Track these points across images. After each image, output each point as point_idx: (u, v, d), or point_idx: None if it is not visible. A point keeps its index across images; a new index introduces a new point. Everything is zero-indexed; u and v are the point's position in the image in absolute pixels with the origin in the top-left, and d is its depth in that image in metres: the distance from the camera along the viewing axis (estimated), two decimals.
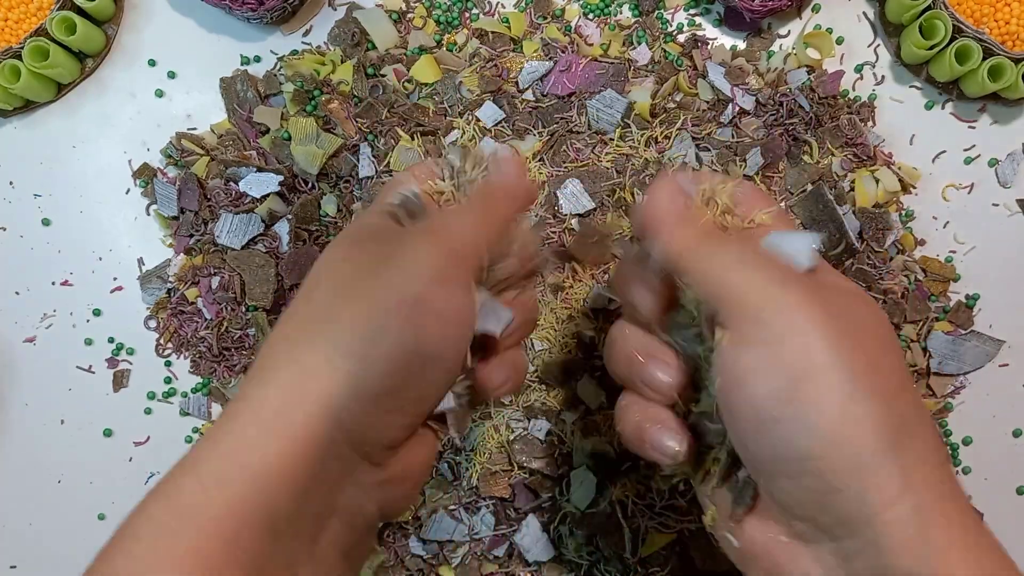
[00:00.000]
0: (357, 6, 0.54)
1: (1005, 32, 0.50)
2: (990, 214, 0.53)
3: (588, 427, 0.50)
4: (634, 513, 0.50)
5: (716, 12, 0.54)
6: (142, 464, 0.54)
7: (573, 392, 0.50)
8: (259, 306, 0.51)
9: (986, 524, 0.28)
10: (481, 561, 0.51)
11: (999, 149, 0.53)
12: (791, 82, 0.52)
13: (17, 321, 0.54)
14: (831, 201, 0.50)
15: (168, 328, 0.54)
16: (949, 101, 0.53)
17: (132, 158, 0.55)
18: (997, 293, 0.52)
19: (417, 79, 0.52)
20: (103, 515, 0.53)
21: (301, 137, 0.51)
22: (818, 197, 0.50)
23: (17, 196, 0.55)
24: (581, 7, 0.54)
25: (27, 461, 0.54)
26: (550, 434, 0.50)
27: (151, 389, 0.54)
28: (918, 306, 0.51)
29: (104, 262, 0.55)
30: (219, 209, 0.52)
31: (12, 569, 0.54)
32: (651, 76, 0.52)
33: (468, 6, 0.54)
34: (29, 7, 0.52)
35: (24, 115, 0.55)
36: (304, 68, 0.53)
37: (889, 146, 0.53)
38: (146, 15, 0.55)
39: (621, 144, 0.51)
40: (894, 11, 0.52)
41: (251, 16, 0.52)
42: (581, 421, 0.50)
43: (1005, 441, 0.52)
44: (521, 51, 0.53)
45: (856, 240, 0.50)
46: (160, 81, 0.55)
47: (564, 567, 0.50)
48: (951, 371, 0.51)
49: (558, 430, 0.50)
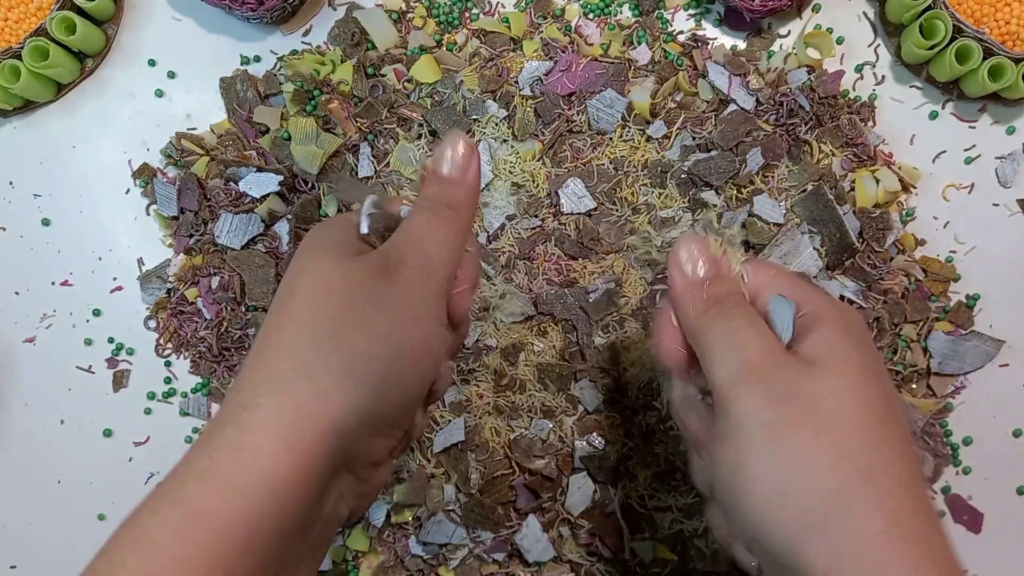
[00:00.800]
0: (357, 6, 0.54)
1: (1005, 32, 0.50)
2: (990, 214, 0.53)
3: (587, 427, 0.50)
4: (634, 514, 0.50)
5: (716, 12, 0.54)
6: (142, 464, 0.54)
7: (572, 394, 0.50)
8: (259, 306, 0.51)
9: (952, 559, 0.28)
10: (481, 561, 0.50)
11: (999, 149, 0.53)
12: (791, 82, 0.52)
13: (17, 321, 0.54)
14: (831, 201, 0.50)
15: (168, 328, 0.54)
16: (949, 101, 0.53)
17: (132, 158, 0.55)
18: (997, 293, 0.52)
19: (417, 79, 0.52)
20: (103, 515, 0.53)
21: (301, 137, 0.51)
22: (818, 197, 0.50)
23: (17, 196, 0.55)
24: (581, 7, 0.54)
25: (27, 461, 0.54)
26: (550, 434, 0.50)
27: (151, 389, 0.54)
28: (918, 306, 0.51)
29: (104, 262, 0.55)
30: (219, 209, 0.52)
31: (12, 569, 0.54)
32: (651, 76, 0.52)
33: (468, 6, 0.54)
34: (29, 7, 0.52)
35: (24, 115, 0.55)
36: (304, 68, 0.53)
37: (889, 146, 0.53)
38: (146, 15, 0.55)
39: (622, 145, 0.51)
40: (894, 11, 0.52)
41: (251, 16, 0.52)
42: (580, 423, 0.50)
43: (1005, 441, 0.52)
44: (521, 51, 0.53)
45: (856, 240, 0.50)
46: (160, 81, 0.55)
47: (564, 567, 0.50)
48: (951, 371, 0.51)
49: (558, 430, 0.50)
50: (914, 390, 0.51)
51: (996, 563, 0.51)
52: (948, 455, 0.51)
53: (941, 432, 0.51)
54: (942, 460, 0.51)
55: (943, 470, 0.51)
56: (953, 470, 0.51)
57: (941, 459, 0.51)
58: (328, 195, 0.48)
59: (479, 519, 0.50)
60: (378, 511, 0.51)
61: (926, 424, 0.51)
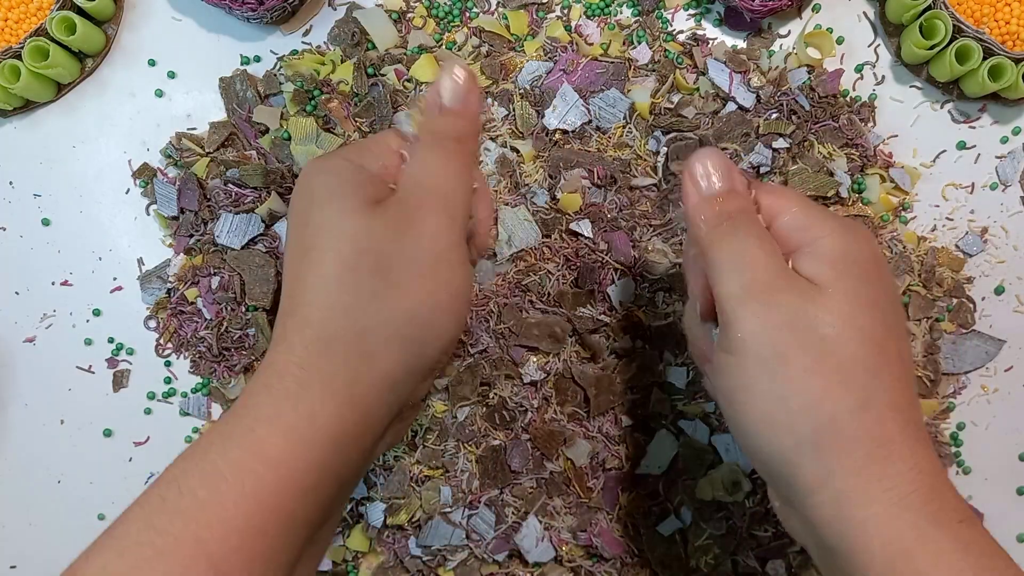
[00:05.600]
0: (357, 6, 0.54)
1: (1005, 32, 0.50)
2: (990, 214, 0.53)
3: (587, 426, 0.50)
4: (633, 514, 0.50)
5: (716, 12, 0.54)
6: (142, 464, 0.54)
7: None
8: (259, 306, 0.51)
9: (920, 495, 0.30)
10: (481, 562, 0.50)
11: (999, 149, 0.53)
12: (791, 82, 0.52)
13: (17, 321, 0.54)
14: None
15: (168, 328, 0.54)
16: (949, 101, 0.53)
17: (132, 158, 0.55)
18: (998, 293, 0.52)
19: (417, 79, 0.52)
20: (103, 515, 0.53)
21: (301, 137, 0.51)
22: (818, 197, 0.50)
23: (17, 196, 0.55)
24: (583, 6, 0.53)
25: (27, 461, 0.54)
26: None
27: (151, 389, 0.54)
28: (921, 304, 0.51)
29: (104, 262, 0.55)
30: (219, 209, 0.52)
31: (12, 569, 0.54)
32: (651, 76, 0.52)
33: (468, 6, 0.54)
34: (29, 7, 0.52)
35: (24, 115, 0.55)
36: (304, 68, 0.53)
37: (889, 146, 0.53)
38: (146, 15, 0.55)
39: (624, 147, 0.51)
40: (894, 11, 0.52)
41: (251, 16, 0.52)
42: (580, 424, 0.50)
43: (1005, 441, 0.52)
44: (522, 51, 0.53)
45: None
46: (160, 81, 0.55)
47: (564, 568, 0.50)
48: (951, 371, 0.51)
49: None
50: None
51: None
52: (951, 455, 0.51)
53: (944, 432, 0.51)
54: (945, 460, 0.51)
55: (946, 470, 0.51)
56: (953, 470, 0.51)
57: (944, 459, 0.51)
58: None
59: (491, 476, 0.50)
60: (376, 511, 0.51)
61: (927, 424, 0.51)
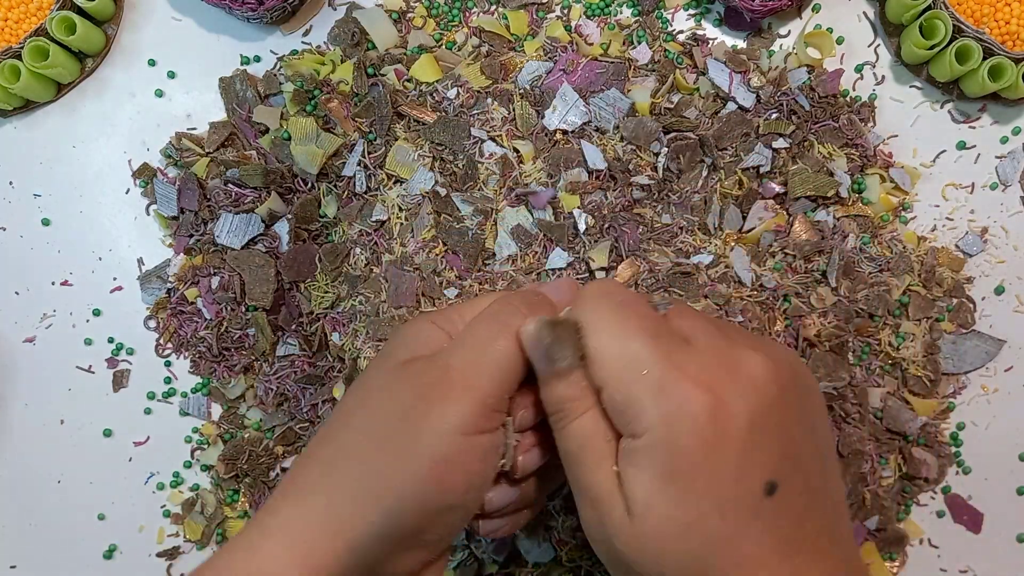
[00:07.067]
0: (357, 6, 0.54)
1: (1005, 32, 0.50)
2: (990, 214, 0.53)
3: None
4: None
5: (716, 12, 0.54)
6: (142, 464, 0.54)
7: None
8: (259, 306, 0.51)
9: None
10: (481, 563, 0.50)
11: (999, 149, 0.53)
12: (791, 82, 0.52)
13: (17, 321, 0.54)
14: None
15: (168, 328, 0.54)
16: (949, 101, 0.53)
17: (132, 158, 0.55)
18: (998, 293, 0.52)
19: (417, 79, 0.52)
20: (103, 515, 0.53)
21: (301, 137, 0.51)
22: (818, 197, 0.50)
23: (17, 196, 0.55)
24: (583, 6, 0.54)
25: (27, 461, 0.54)
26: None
27: (151, 389, 0.54)
28: (921, 304, 0.51)
29: (104, 262, 0.55)
30: (219, 209, 0.52)
31: (12, 569, 0.54)
32: (651, 76, 0.52)
33: (468, 5, 0.54)
34: (29, 7, 0.52)
35: (24, 115, 0.55)
36: (304, 68, 0.53)
37: (889, 146, 0.53)
38: (146, 15, 0.55)
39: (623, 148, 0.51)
40: (894, 11, 0.52)
41: (251, 16, 0.52)
42: None
43: (1005, 441, 0.52)
44: (522, 51, 0.53)
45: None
46: (160, 81, 0.55)
47: (564, 569, 0.50)
48: (951, 371, 0.51)
49: None
50: (914, 390, 0.51)
51: (996, 563, 0.51)
52: (951, 455, 0.51)
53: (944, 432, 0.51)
54: (945, 460, 0.51)
55: (946, 470, 0.51)
56: (953, 470, 0.51)
57: (944, 459, 0.51)
58: None
59: None
60: None
61: (927, 424, 0.51)
